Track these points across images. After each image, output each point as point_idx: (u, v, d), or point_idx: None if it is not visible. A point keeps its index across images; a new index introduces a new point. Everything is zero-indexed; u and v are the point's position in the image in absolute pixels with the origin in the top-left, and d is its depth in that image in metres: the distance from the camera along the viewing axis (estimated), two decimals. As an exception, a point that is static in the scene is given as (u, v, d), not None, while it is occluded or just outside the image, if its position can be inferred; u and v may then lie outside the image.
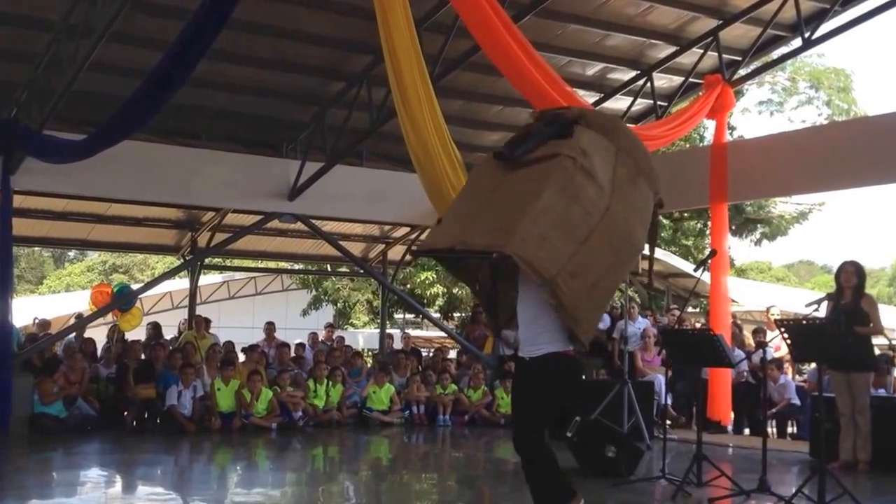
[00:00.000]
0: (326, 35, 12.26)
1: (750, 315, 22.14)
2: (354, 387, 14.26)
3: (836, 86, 25.91)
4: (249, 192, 13.99)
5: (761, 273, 40.02)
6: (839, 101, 25.66)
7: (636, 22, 12.65)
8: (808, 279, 45.89)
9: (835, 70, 26.41)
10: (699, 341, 8.69)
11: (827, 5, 12.25)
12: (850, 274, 9.39)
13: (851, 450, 9.38)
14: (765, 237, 26.50)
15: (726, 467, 9.61)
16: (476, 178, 6.00)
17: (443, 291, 25.77)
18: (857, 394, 9.37)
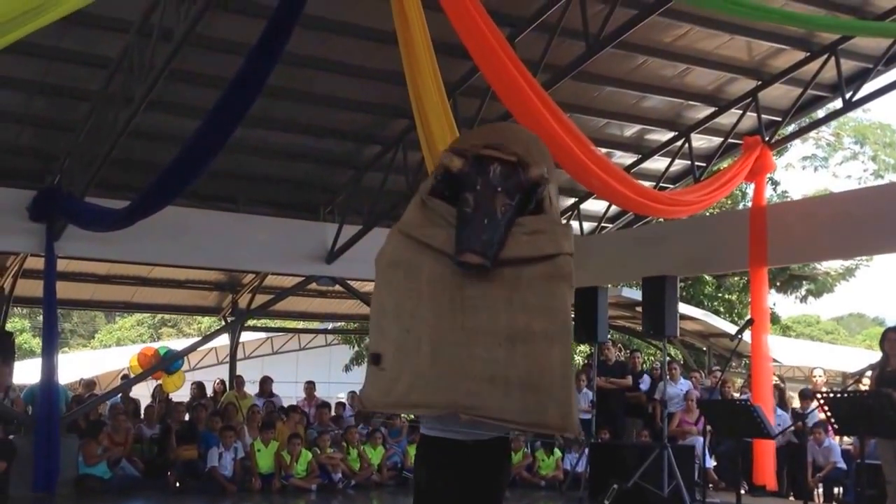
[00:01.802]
0: (362, 100, 12.25)
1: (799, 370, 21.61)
2: (395, 447, 14.03)
3: (882, 141, 25.44)
4: (288, 255, 13.94)
5: (809, 327, 39.16)
6: (885, 156, 25.18)
7: (673, 83, 12.47)
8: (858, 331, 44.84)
9: (880, 125, 25.96)
10: (738, 411, 8.41)
11: (870, 65, 11.99)
12: (894, 341, 9.03)
13: (899, 519, 8.96)
14: (811, 294, 25.93)
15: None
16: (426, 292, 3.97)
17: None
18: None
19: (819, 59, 11.93)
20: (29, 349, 30.70)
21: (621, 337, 22.27)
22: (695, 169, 13.88)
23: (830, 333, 40.62)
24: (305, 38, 10.26)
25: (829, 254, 13.23)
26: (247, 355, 32.52)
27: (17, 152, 12.26)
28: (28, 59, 10.39)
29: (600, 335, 12.44)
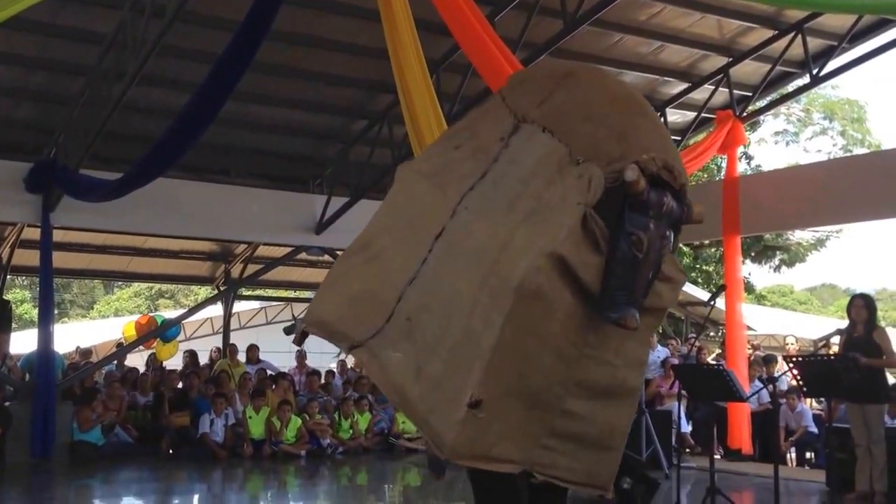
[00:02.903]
0: (350, 76, 12.31)
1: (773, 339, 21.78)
2: (382, 413, 14.12)
3: (850, 116, 25.57)
4: (278, 226, 13.99)
5: (783, 297, 39.40)
6: (853, 131, 25.33)
7: (648, 60, 12.52)
8: (831, 302, 45.05)
9: (848, 101, 26.10)
10: (711, 376, 8.49)
11: (835, 43, 12.06)
12: (861, 308, 9.16)
13: (868, 481, 9.08)
14: (784, 263, 26.12)
15: (743, 497, 9.42)
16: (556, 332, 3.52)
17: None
18: (871, 425, 9.09)
19: (787, 37, 12.02)
20: (30, 319, 30.67)
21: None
22: (671, 143, 13.92)
23: (804, 303, 40.91)
24: (295, 16, 10.28)
25: (798, 223, 13.34)
26: (242, 325, 32.52)
27: (15, 125, 12.26)
28: (26, 35, 10.44)
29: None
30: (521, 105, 3.88)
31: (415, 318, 3.58)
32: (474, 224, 3.62)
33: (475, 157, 3.84)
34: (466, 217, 3.64)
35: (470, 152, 3.88)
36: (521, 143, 3.77)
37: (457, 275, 3.55)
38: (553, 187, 3.58)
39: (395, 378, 3.55)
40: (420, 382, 3.48)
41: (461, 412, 3.34)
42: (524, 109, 3.86)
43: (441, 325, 3.51)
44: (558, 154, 3.68)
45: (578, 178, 3.55)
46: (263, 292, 22.10)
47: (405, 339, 3.58)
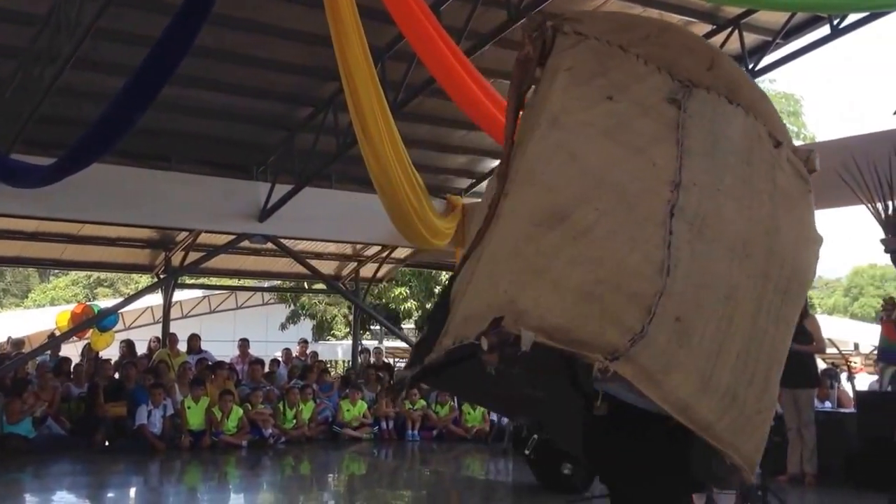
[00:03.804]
0: (294, 63, 12.23)
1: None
2: (325, 401, 14.13)
3: (787, 110, 26.10)
4: (220, 213, 13.90)
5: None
6: (789, 124, 25.82)
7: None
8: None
9: (785, 95, 26.65)
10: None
11: (770, 38, 12.32)
12: (800, 298, 9.38)
13: (798, 463, 9.42)
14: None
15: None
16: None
17: (416, 306, 25.69)
18: (802, 409, 9.45)
19: (724, 32, 12.24)
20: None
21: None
22: (615, 132, 14.09)
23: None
24: (239, 1, 10.20)
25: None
26: (184, 314, 32.32)
27: (-58, 109, 11.97)
28: (-46, 16, 10.18)
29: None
30: (684, 65, 3.66)
31: (686, 318, 3.09)
32: (724, 206, 3.32)
33: (648, 116, 3.51)
34: (707, 195, 3.32)
35: (636, 109, 3.54)
36: (710, 113, 3.57)
37: (726, 265, 3.22)
38: (778, 172, 3.52)
39: (676, 394, 3.04)
40: (710, 396, 3.09)
41: (767, 427, 3.18)
42: (691, 72, 3.65)
43: (721, 326, 3.16)
44: (758, 132, 3.61)
45: (788, 161, 3.54)
46: (207, 280, 21.90)
47: (679, 344, 3.08)
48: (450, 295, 3.60)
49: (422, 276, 25.10)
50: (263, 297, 33.85)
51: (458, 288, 3.56)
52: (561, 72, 3.66)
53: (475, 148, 15.17)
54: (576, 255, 3.16)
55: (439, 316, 3.52)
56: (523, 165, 3.49)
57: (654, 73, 3.60)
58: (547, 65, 3.78)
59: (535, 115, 3.63)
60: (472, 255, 3.61)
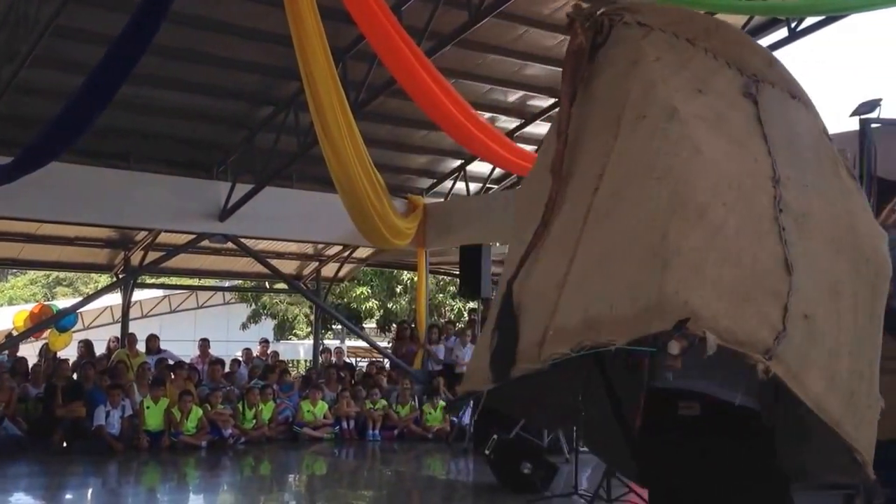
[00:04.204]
0: (255, 62, 12.21)
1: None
2: (286, 401, 14.08)
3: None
4: (180, 212, 13.79)
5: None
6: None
7: (553, 52, 12.68)
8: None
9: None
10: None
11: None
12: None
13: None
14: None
15: (638, 482, 9.66)
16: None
17: (378, 305, 25.68)
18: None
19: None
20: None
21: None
22: (574, 134, 14.18)
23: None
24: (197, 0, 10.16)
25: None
26: (144, 314, 32.03)
27: None
28: None
29: (484, 291, 12.71)
30: (749, 61, 3.64)
31: (811, 315, 3.10)
32: (812, 201, 3.33)
33: (735, 109, 3.49)
34: (800, 191, 3.31)
35: (724, 103, 3.49)
36: (780, 109, 3.57)
37: (828, 261, 3.24)
38: (840, 167, 3.53)
39: (814, 390, 3.03)
40: (835, 392, 3.10)
41: (876, 423, 3.19)
42: (756, 67, 3.63)
43: (835, 322, 3.17)
44: (819, 127, 3.65)
45: (844, 157, 3.59)
46: (167, 280, 21.75)
47: (810, 342, 3.08)
48: (512, 301, 3.42)
49: (383, 276, 25.10)
50: (224, 297, 33.68)
51: (531, 292, 3.39)
52: (649, 62, 3.54)
53: (436, 148, 15.21)
54: (720, 252, 3.09)
55: (509, 324, 3.35)
56: (631, 159, 3.34)
57: (724, 67, 3.58)
58: (610, 55, 3.67)
59: (621, 108, 3.49)
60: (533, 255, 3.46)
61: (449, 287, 24.20)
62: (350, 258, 18.18)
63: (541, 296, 3.32)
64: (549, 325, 3.20)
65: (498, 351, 3.34)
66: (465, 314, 22.61)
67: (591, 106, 3.66)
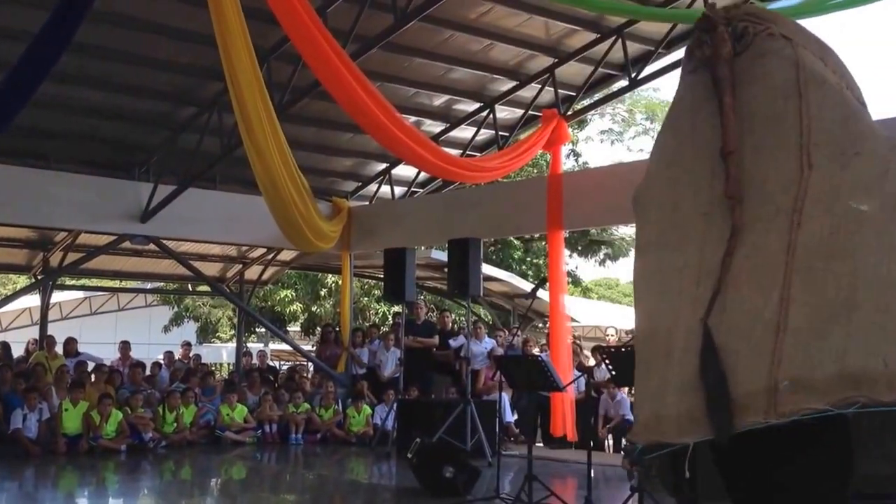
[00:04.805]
0: (178, 61, 12.00)
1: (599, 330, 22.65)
2: (208, 405, 13.87)
3: (670, 118, 26.78)
4: (101, 213, 13.47)
5: (609, 290, 40.90)
6: (671, 133, 26.58)
7: (478, 57, 12.78)
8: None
9: (668, 103, 27.23)
10: (529, 365, 8.76)
11: (652, 48, 12.62)
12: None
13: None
14: (608, 258, 27.21)
15: (561, 484, 9.75)
16: None
17: (302, 308, 25.48)
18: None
19: (608, 41, 12.49)
20: None
21: (434, 298, 22.72)
22: (499, 138, 14.33)
23: (628, 296, 42.54)
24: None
25: (620, 219, 13.81)
26: (64, 316, 31.29)
27: None
28: None
29: (408, 294, 12.67)
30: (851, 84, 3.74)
31: None
32: None
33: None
34: None
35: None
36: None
37: None
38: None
39: None
40: None
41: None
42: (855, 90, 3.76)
43: None
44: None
45: None
46: (87, 282, 21.27)
47: None
48: (714, 342, 3.21)
49: (308, 279, 24.92)
50: (146, 299, 33.12)
51: (731, 331, 3.20)
52: (821, 86, 3.52)
53: (361, 151, 15.15)
54: None
55: (715, 367, 3.15)
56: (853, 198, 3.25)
57: (844, 89, 3.62)
58: (758, 66, 3.61)
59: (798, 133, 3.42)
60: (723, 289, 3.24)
61: (374, 291, 24.13)
62: (274, 261, 18.00)
63: (745, 337, 3.15)
64: (775, 374, 3.05)
65: (710, 397, 3.12)
66: (389, 318, 22.56)
67: (751, 122, 3.55)
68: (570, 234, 23.67)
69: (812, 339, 3.03)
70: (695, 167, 3.47)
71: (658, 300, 3.31)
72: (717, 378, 3.10)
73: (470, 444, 11.21)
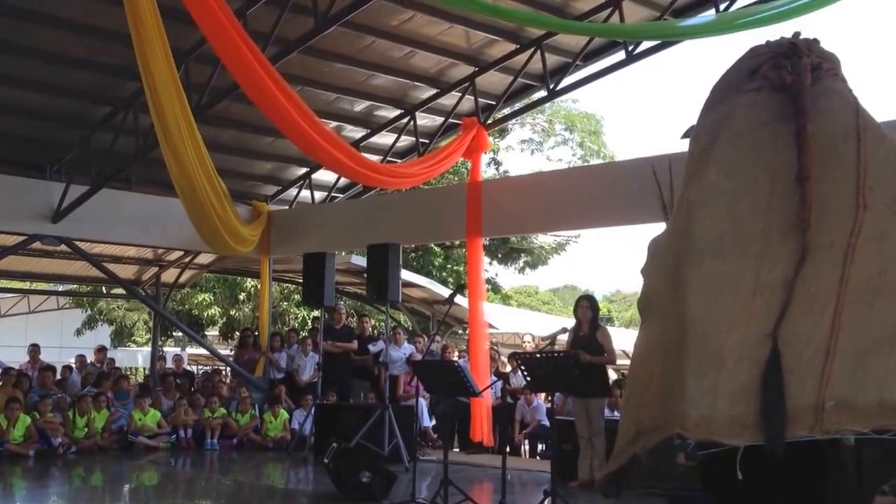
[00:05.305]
0: (93, 60, 11.72)
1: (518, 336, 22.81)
2: (121, 410, 13.55)
3: (588, 129, 27.22)
4: (10, 213, 13.04)
5: (529, 297, 41.27)
6: (590, 143, 26.99)
7: (399, 64, 12.76)
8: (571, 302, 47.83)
9: (587, 115, 27.74)
10: (445, 371, 8.78)
11: (570, 60, 12.74)
12: (586, 308, 9.86)
13: (589, 469, 9.71)
14: (528, 265, 27.42)
15: (477, 488, 9.78)
16: None
17: (221, 312, 25.12)
18: (593, 418, 9.74)
19: (528, 52, 12.56)
20: None
21: (354, 303, 22.61)
22: (419, 145, 14.33)
23: (547, 304, 43.04)
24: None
25: (539, 227, 13.96)
26: (-30, 318, 30.28)
27: None
28: None
29: (327, 299, 12.62)
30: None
31: None
32: None
33: None
34: None
35: None
36: None
37: None
38: None
39: None
40: None
41: None
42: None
43: None
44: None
45: None
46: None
47: None
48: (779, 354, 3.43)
49: (226, 283, 24.58)
50: (58, 302, 32.20)
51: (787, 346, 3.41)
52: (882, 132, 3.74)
53: (281, 155, 14.99)
54: None
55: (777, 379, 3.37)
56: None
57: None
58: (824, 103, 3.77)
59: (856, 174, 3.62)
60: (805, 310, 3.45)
61: (294, 295, 23.92)
62: (192, 264, 17.70)
63: (798, 356, 3.38)
64: (822, 394, 3.30)
65: (769, 407, 3.34)
66: (309, 322, 22.39)
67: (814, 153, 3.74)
68: (490, 241, 23.79)
69: (857, 367, 3.32)
70: (755, 183, 3.70)
71: (711, 307, 3.50)
72: (778, 390, 3.36)
73: (387, 449, 11.18)
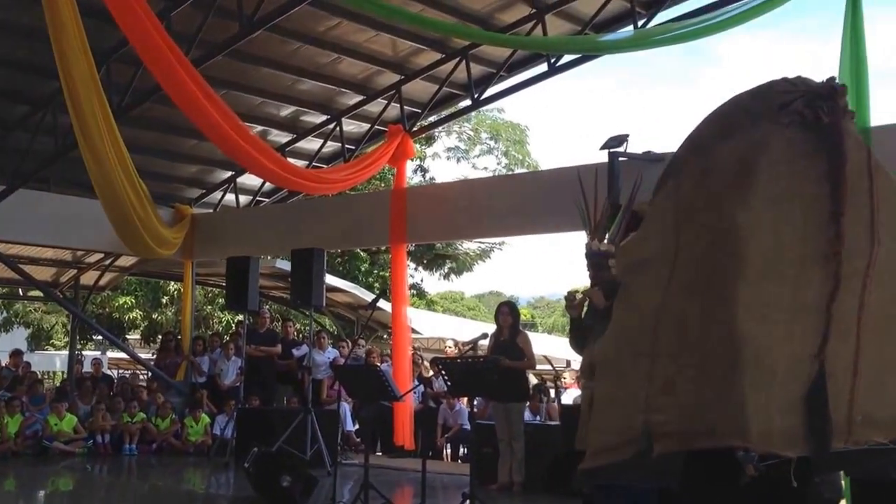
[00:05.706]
0: (10, 57, 11.44)
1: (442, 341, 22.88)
2: (36, 415, 13.21)
3: (513, 138, 27.49)
4: (-79, 212, 12.63)
5: (454, 303, 41.38)
6: (515, 152, 27.26)
7: (326, 70, 12.72)
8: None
9: (511, 124, 28.01)
10: (367, 376, 8.76)
11: (494, 70, 12.83)
12: (506, 314, 9.92)
13: (508, 472, 9.79)
14: (452, 272, 27.53)
15: (398, 492, 9.79)
16: None
17: (143, 316, 24.68)
18: (513, 421, 9.81)
19: (453, 61, 12.63)
20: None
21: (279, 307, 22.43)
22: (345, 151, 14.31)
23: (472, 309, 43.19)
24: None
25: (462, 234, 14.04)
26: None
27: None
28: None
29: (251, 303, 12.53)
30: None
31: None
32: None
33: None
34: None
35: None
36: None
37: None
38: None
39: None
40: None
41: None
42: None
43: None
44: None
45: None
46: None
47: None
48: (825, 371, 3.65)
49: (149, 286, 24.16)
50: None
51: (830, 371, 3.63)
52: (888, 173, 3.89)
53: (206, 158, 14.79)
54: None
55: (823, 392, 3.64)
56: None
57: None
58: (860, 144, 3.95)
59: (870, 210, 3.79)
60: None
61: (218, 299, 23.61)
62: (112, 266, 17.30)
63: (833, 375, 3.62)
64: (852, 409, 3.62)
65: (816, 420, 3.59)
66: (233, 326, 22.12)
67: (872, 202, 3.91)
68: (415, 247, 23.82)
69: (876, 385, 3.68)
70: (791, 214, 3.85)
71: (759, 326, 3.68)
72: (824, 406, 3.64)
73: (310, 454, 11.10)
